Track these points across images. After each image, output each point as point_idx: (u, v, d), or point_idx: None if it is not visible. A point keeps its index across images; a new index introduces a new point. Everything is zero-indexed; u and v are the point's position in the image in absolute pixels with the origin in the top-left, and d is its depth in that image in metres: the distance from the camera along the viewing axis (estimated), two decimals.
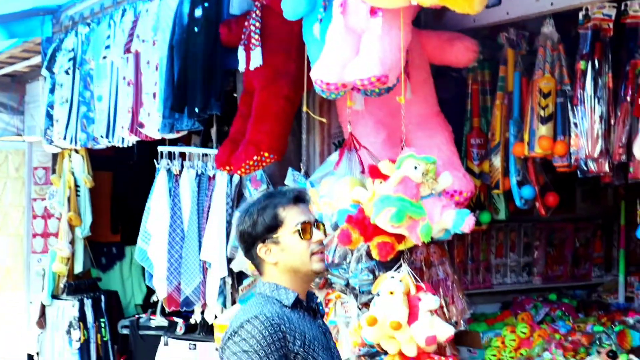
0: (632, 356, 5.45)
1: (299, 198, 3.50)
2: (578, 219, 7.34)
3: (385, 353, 5.00)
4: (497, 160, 5.78)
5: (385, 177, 4.85)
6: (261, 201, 3.51)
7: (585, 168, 5.20)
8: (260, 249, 3.44)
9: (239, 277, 6.30)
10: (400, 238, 4.85)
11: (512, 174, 5.67)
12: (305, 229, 3.42)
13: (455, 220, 4.78)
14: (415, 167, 4.74)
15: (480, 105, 5.99)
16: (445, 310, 5.49)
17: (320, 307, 3.58)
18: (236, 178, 6.27)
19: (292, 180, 5.69)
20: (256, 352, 3.23)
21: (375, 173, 4.90)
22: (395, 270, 5.00)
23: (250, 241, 3.46)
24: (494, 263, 6.97)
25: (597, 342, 5.60)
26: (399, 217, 4.64)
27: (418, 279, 5.02)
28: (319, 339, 3.39)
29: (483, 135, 5.94)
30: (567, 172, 5.48)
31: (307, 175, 5.80)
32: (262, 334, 3.25)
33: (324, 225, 3.52)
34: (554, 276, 7.17)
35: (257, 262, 3.51)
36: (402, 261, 5.02)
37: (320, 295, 5.39)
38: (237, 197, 6.30)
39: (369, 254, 5.18)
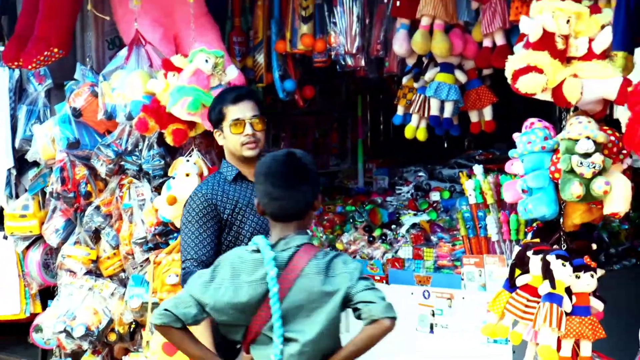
0: (385, 230, 6.33)
1: (240, 97, 4.31)
2: (318, 112, 8.09)
3: (178, 230, 5.50)
4: (260, 57, 6.38)
5: (178, 70, 5.32)
6: (217, 97, 4.46)
7: (343, 63, 5.91)
8: (215, 133, 4.42)
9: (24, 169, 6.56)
10: (192, 125, 5.38)
11: (275, 69, 6.29)
12: (236, 124, 4.26)
13: None
14: (206, 61, 5.25)
15: (240, 6, 6.54)
16: None
17: None
18: (16, 73, 6.44)
19: (81, 75, 5.95)
20: (195, 221, 4.23)
21: (169, 66, 5.36)
22: (187, 155, 5.50)
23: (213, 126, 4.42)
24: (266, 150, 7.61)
25: (351, 220, 6.43)
26: (195, 106, 5.15)
27: (208, 162, 5.57)
28: (253, 206, 4.06)
29: (243, 34, 6.50)
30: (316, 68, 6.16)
31: (92, 69, 6.08)
32: (198, 207, 4.24)
33: (261, 120, 4.29)
34: None
35: None
36: (193, 146, 5.53)
37: (114, 181, 5.82)
38: (20, 91, 6.48)
39: (158, 141, 5.64)
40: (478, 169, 5.32)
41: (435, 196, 6.50)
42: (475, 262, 5.54)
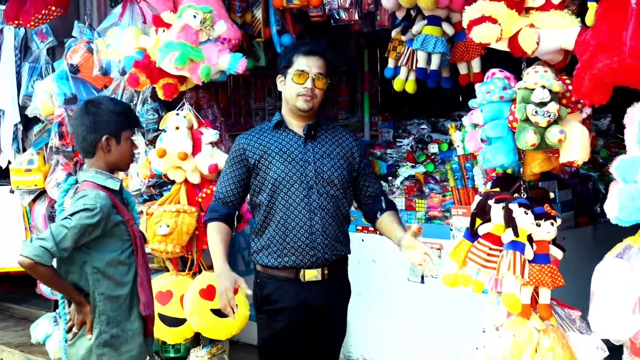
0: (381, 182, 6.40)
1: (312, 51, 4.48)
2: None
3: (173, 182, 5.66)
4: (258, 12, 6.43)
5: (167, 26, 5.43)
6: (293, 45, 4.77)
7: (337, 17, 5.96)
8: (278, 79, 4.57)
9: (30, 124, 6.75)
10: (182, 80, 5.50)
11: (273, 24, 6.34)
12: (300, 75, 4.42)
13: (230, 63, 5.47)
14: (195, 16, 5.35)
15: None
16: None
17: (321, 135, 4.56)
18: (22, 32, 6.60)
19: (79, 32, 6.12)
20: (226, 163, 4.59)
21: (159, 22, 5.47)
22: (178, 109, 5.63)
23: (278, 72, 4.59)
24: (254, 107, 7.72)
25: None
26: (182, 60, 5.27)
27: (199, 116, 5.69)
28: (288, 154, 4.44)
29: None
30: (319, 23, 6.21)
31: (90, 27, 6.22)
32: (231, 151, 4.57)
33: (324, 79, 4.46)
34: None
35: None
36: (184, 100, 5.65)
37: None
38: (25, 49, 6.65)
39: (153, 96, 5.77)
40: (466, 120, 5.36)
41: (433, 148, 6.57)
42: (463, 213, 5.62)
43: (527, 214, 3.93)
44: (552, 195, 4.23)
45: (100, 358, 4.15)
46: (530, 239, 4.00)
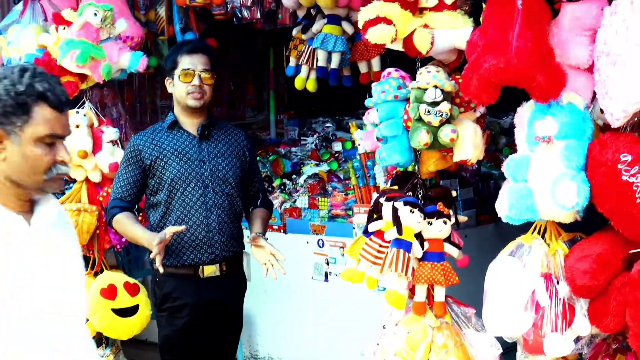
0: (285, 180, 6.45)
1: (195, 49, 4.55)
2: (232, 64, 8.16)
3: (74, 181, 5.60)
4: (162, 10, 6.44)
5: (68, 23, 5.38)
6: (175, 46, 4.76)
7: (240, 15, 5.98)
8: (167, 81, 4.66)
9: None
10: (83, 78, 5.46)
11: (176, 22, 6.35)
12: (186, 74, 4.50)
13: (131, 61, 5.44)
14: (95, 14, 5.30)
15: None
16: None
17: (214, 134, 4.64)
18: None
19: None
20: (121, 163, 4.64)
21: (59, 20, 5.42)
22: (79, 107, 5.57)
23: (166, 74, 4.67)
24: (159, 105, 7.69)
25: None
26: (83, 58, 5.22)
27: (100, 114, 5.65)
28: (184, 154, 4.50)
29: None
30: (222, 20, 6.21)
31: None
32: (125, 152, 4.63)
33: (210, 74, 4.53)
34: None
35: None
36: (85, 98, 5.60)
37: None
38: None
39: None
40: (366, 118, 5.43)
41: (337, 146, 6.64)
42: (365, 211, 5.62)
43: (412, 212, 3.94)
44: (454, 193, 4.29)
45: None
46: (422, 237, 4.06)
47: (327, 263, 5.89)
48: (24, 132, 2.71)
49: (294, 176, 6.49)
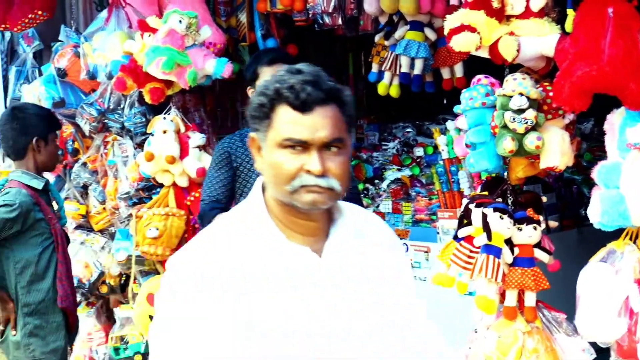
0: (367, 185, 6.46)
1: (275, 60, 4.54)
2: None
3: (161, 185, 5.68)
4: (243, 17, 6.48)
5: (153, 30, 5.46)
6: (254, 56, 4.80)
7: (321, 22, 6.01)
8: (248, 90, 4.66)
9: None
10: (168, 84, 5.53)
11: (257, 28, 6.40)
12: None
13: (217, 67, 5.49)
14: (180, 21, 5.37)
15: None
16: None
17: None
18: (8, 35, 6.62)
19: (65, 36, 6.13)
20: (212, 166, 4.70)
21: (145, 27, 5.50)
22: (165, 112, 5.66)
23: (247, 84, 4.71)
24: (240, 110, 7.74)
25: None
26: (169, 65, 5.28)
27: (186, 119, 5.72)
28: None
29: None
30: (303, 27, 6.25)
31: (77, 31, 6.25)
32: (215, 154, 4.71)
33: None
34: None
35: None
36: (171, 104, 5.68)
37: (99, 139, 6.01)
38: (11, 53, 6.68)
39: (140, 100, 5.80)
40: (451, 124, 5.42)
41: (419, 152, 6.62)
42: (449, 216, 5.67)
43: (502, 218, 3.97)
44: (544, 199, 4.28)
45: (28, 348, 4.51)
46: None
47: (412, 267, 5.87)
48: (267, 137, 2.36)
49: (376, 181, 6.50)
